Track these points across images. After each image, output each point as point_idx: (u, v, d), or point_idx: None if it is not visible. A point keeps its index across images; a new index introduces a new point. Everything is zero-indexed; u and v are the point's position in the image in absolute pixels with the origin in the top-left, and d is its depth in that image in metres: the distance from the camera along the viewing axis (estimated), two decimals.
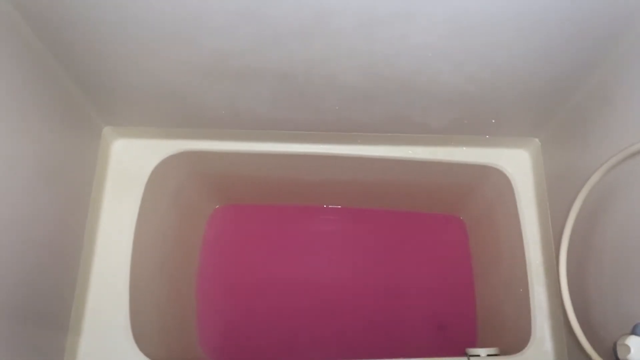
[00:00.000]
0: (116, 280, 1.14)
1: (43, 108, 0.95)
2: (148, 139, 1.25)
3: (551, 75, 1.01)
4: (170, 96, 1.09)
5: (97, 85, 1.06)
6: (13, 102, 0.85)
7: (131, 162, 1.23)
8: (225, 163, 1.35)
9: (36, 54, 0.91)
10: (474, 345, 1.36)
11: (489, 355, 1.14)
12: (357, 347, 1.52)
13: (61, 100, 1.02)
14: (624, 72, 0.93)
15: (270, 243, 1.61)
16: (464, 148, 1.30)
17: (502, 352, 1.17)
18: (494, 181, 1.34)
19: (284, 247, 1.61)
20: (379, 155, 1.29)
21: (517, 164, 1.30)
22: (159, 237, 1.30)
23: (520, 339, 1.18)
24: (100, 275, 1.14)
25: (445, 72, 0.99)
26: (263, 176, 1.43)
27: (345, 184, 1.48)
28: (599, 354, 0.90)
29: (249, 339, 1.50)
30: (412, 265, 1.61)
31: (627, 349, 0.75)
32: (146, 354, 1.09)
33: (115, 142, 1.24)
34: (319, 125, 1.20)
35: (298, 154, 1.29)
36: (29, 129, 0.91)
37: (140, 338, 1.11)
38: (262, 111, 1.14)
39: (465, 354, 1.15)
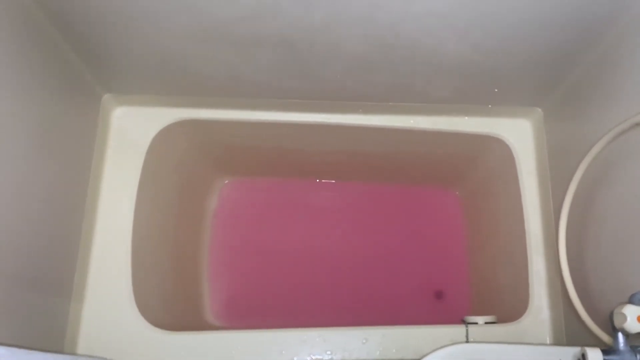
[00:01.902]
0: (118, 248, 1.14)
1: (41, 75, 0.94)
2: (148, 106, 1.24)
3: (556, 45, 1.00)
4: (171, 63, 1.08)
5: (96, 52, 1.05)
6: (9, 71, 0.84)
7: (132, 130, 1.23)
8: (227, 132, 1.34)
9: (34, 20, 0.90)
10: (470, 315, 1.38)
11: (486, 322, 1.16)
12: (355, 314, 1.55)
13: (59, 67, 1.01)
14: (629, 44, 0.92)
15: (277, 216, 1.64)
16: (466, 118, 1.29)
17: (500, 321, 1.19)
18: (495, 151, 1.34)
19: (289, 220, 1.64)
20: (381, 125, 1.28)
21: (518, 133, 1.29)
22: (160, 206, 1.30)
23: (517, 308, 1.20)
24: (102, 243, 1.15)
25: (449, 39, 0.97)
26: (265, 147, 1.43)
27: (346, 155, 1.47)
28: (596, 322, 0.91)
29: (256, 305, 1.54)
30: (410, 238, 1.64)
31: (624, 318, 0.76)
32: (149, 321, 1.11)
33: (116, 109, 1.24)
34: (321, 94, 1.19)
35: (299, 123, 1.28)
36: (28, 97, 0.90)
37: (143, 305, 1.13)
38: (263, 79, 1.13)
39: (463, 322, 1.17)
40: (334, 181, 1.66)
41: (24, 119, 0.89)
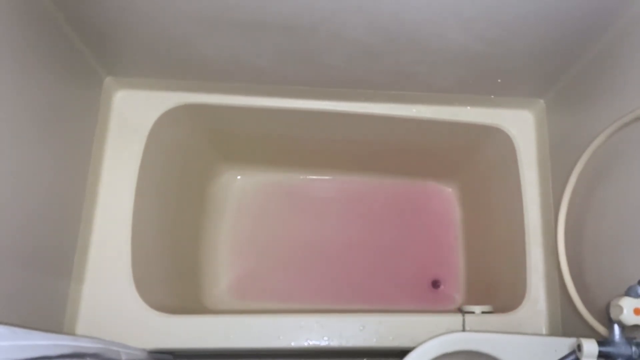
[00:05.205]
0: (118, 231, 1.15)
1: (43, 57, 0.94)
2: (150, 90, 1.24)
3: (560, 36, 0.99)
4: (174, 47, 1.07)
5: (98, 34, 1.04)
6: (11, 51, 0.84)
7: (133, 113, 1.22)
8: (229, 118, 1.34)
9: (36, 1, 0.89)
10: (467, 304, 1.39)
11: (483, 312, 1.17)
12: (353, 303, 1.56)
13: (61, 49, 1.00)
14: (632, 37, 0.92)
15: (277, 206, 1.65)
16: (468, 108, 1.29)
17: (497, 310, 1.19)
18: (496, 142, 1.34)
19: (289, 211, 1.65)
20: (384, 113, 1.28)
21: (520, 125, 1.29)
22: (161, 189, 1.30)
23: (514, 299, 1.20)
24: (103, 225, 1.15)
25: (454, 28, 0.97)
26: (266, 134, 1.42)
27: (348, 144, 1.47)
28: (592, 314, 0.92)
29: (255, 291, 1.56)
30: (409, 228, 1.65)
31: (620, 310, 0.76)
32: (147, 303, 1.12)
33: (117, 92, 1.23)
34: (324, 81, 1.19)
35: (301, 110, 1.28)
36: (29, 79, 0.90)
37: (142, 287, 1.13)
38: (265, 65, 1.13)
39: (459, 311, 1.17)
40: (330, 177, 1.67)
41: (26, 101, 0.89)
